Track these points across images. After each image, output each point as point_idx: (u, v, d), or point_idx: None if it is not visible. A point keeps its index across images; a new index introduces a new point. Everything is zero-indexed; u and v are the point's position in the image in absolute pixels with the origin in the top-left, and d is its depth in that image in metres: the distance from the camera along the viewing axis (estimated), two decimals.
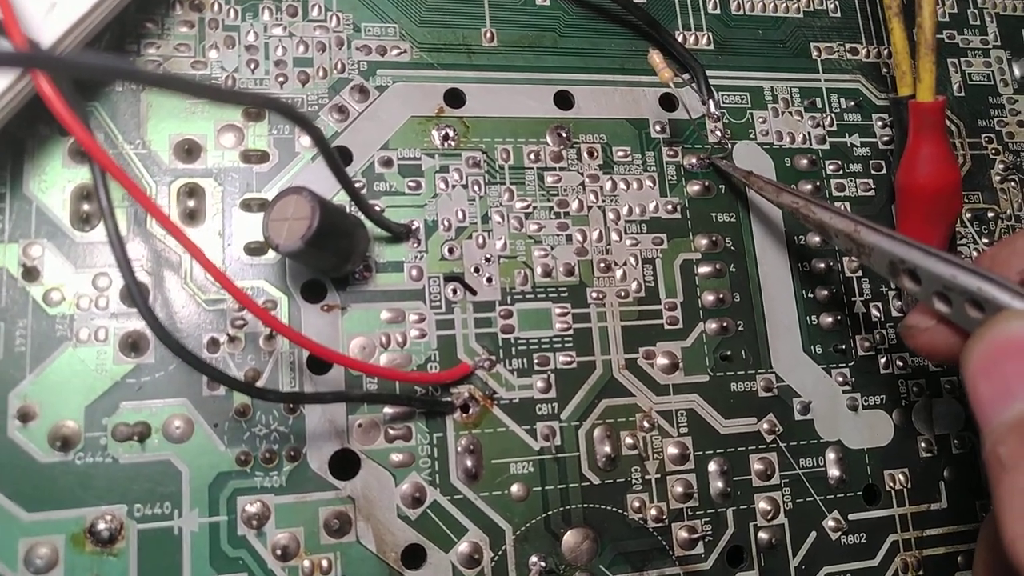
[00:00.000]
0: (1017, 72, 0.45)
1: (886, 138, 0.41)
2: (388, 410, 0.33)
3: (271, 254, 0.33)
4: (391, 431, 0.33)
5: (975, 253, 0.41)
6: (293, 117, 0.26)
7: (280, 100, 0.26)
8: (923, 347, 0.29)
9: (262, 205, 0.33)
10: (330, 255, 0.31)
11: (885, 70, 0.42)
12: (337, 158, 0.30)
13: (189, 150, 0.33)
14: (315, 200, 0.29)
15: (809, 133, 0.41)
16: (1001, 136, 0.44)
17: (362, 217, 0.33)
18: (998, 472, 0.22)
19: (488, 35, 0.38)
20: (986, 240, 0.42)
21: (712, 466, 0.36)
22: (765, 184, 0.36)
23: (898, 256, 0.28)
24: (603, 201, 0.37)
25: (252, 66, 0.35)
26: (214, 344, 0.32)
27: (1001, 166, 0.43)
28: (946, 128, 0.38)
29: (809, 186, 0.40)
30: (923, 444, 0.38)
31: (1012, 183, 0.43)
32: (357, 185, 0.34)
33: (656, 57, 0.36)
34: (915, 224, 0.38)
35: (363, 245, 0.32)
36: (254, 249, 0.33)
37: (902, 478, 0.38)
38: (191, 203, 0.33)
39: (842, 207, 0.40)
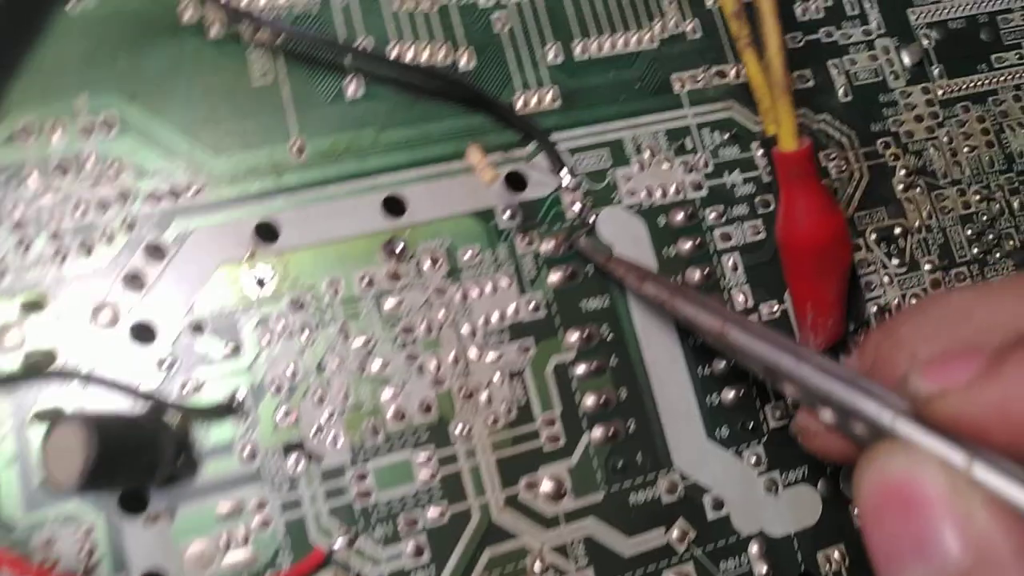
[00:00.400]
0: (907, 60, 0.40)
1: (770, 168, 0.37)
2: None
3: None
4: None
5: (886, 280, 0.37)
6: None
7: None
8: (818, 451, 0.26)
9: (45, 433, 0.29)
10: (127, 476, 0.27)
11: (756, 98, 0.37)
12: (104, 380, 0.25)
13: None
14: (87, 426, 0.25)
15: (683, 181, 0.36)
16: (899, 138, 0.39)
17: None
18: None
19: (296, 148, 0.33)
20: (896, 262, 0.37)
21: None
22: (626, 272, 0.32)
23: (772, 362, 0.25)
24: (455, 316, 0.33)
25: (25, 245, 0.30)
26: None
27: (903, 172, 0.39)
28: (818, 173, 0.34)
29: (689, 245, 0.35)
30: (856, 513, 0.34)
31: (918, 190, 0.39)
32: (166, 363, 0.30)
33: (475, 155, 0.31)
34: (805, 281, 0.34)
35: (170, 449, 0.28)
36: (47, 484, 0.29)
37: (838, 556, 0.34)
38: None
39: (731, 260, 0.36)
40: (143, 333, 0.31)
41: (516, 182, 0.35)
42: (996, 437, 0.18)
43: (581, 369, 0.33)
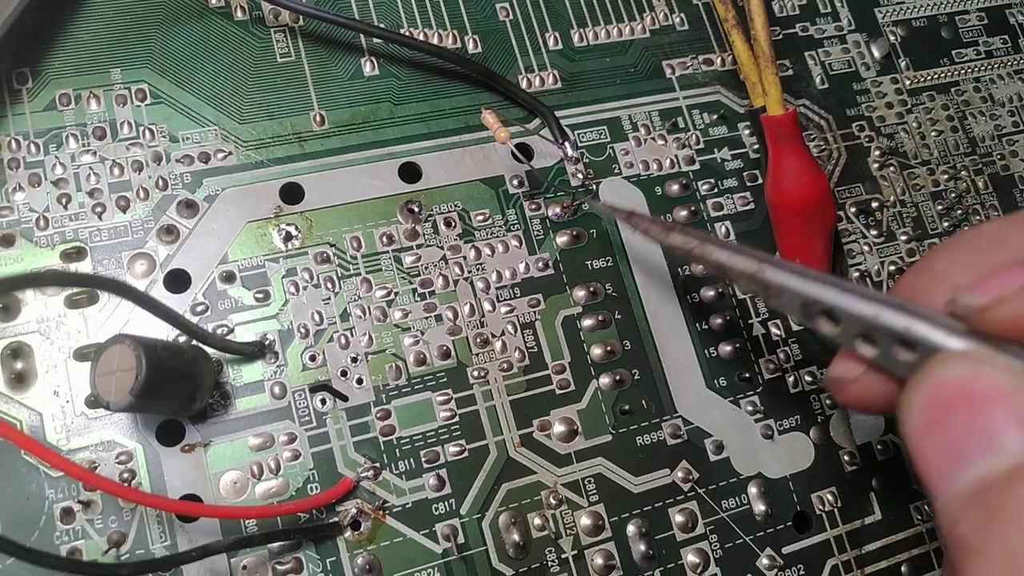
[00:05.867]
0: (876, 53, 0.43)
1: (756, 146, 0.40)
2: (273, 544, 0.30)
3: None
4: (279, 567, 0.30)
5: (866, 248, 0.40)
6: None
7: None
8: (855, 400, 0.24)
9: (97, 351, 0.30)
10: (171, 400, 0.28)
11: (742, 76, 0.40)
12: (156, 302, 0.27)
13: (6, 307, 0.31)
14: (140, 347, 0.26)
15: (676, 156, 0.39)
16: (872, 122, 0.42)
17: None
18: (961, 556, 0.18)
19: (318, 118, 0.35)
20: (875, 232, 0.40)
21: (631, 529, 0.34)
22: (651, 224, 0.33)
23: (811, 296, 0.23)
24: (469, 272, 0.35)
25: (64, 201, 0.32)
26: (68, 514, 0.29)
27: (877, 152, 0.42)
28: (803, 136, 0.37)
29: (684, 212, 0.38)
30: (846, 458, 0.37)
31: (891, 168, 0.42)
32: (199, 308, 0.32)
33: (489, 117, 0.34)
34: (793, 238, 0.36)
35: (209, 377, 0.30)
36: (96, 402, 0.30)
37: (830, 498, 0.36)
38: (18, 365, 0.30)
39: (723, 227, 0.38)
40: (177, 281, 0.32)
41: (523, 153, 0.37)
42: None
43: (588, 322, 0.36)
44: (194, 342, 0.30)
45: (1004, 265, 0.20)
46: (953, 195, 0.42)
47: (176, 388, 0.29)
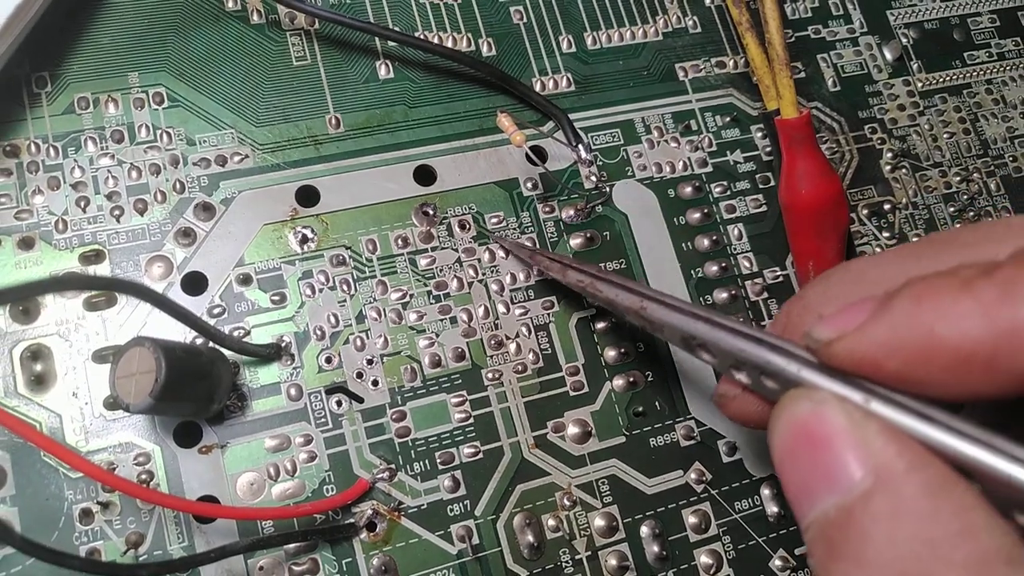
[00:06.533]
0: (889, 55, 0.44)
1: (768, 148, 0.40)
2: (290, 546, 0.30)
3: None
4: (295, 568, 0.30)
5: (878, 250, 0.40)
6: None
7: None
8: (736, 416, 0.27)
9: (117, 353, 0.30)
10: (190, 401, 0.29)
11: (755, 79, 0.40)
12: (174, 304, 0.27)
13: (26, 310, 0.31)
14: (159, 350, 0.27)
15: (689, 159, 0.39)
16: (884, 124, 0.42)
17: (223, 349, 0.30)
18: None
19: (333, 121, 0.36)
20: (887, 234, 0.40)
21: (644, 530, 0.34)
22: (551, 262, 0.33)
23: (688, 331, 0.25)
24: (483, 274, 0.35)
25: (83, 204, 0.32)
26: (87, 515, 0.29)
27: (889, 154, 0.42)
28: (816, 139, 0.37)
29: (698, 214, 0.38)
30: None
31: (903, 170, 0.42)
32: (216, 311, 0.32)
33: (504, 120, 0.34)
34: (806, 240, 0.36)
35: (227, 379, 0.30)
36: (115, 403, 0.30)
37: None
38: (37, 367, 0.31)
39: (735, 229, 0.38)
40: (194, 283, 0.33)
41: (538, 155, 0.37)
42: (889, 367, 0.19)
43: (601, 324, 0.36)
44: (211, 344, 0.30)
45: (857, 300, 0.20)
46: (965, 197, 0.42)
47: (194, 390, 0.29)
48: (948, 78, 0.44)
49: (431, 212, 0.35)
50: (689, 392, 0.36)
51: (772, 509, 0.35)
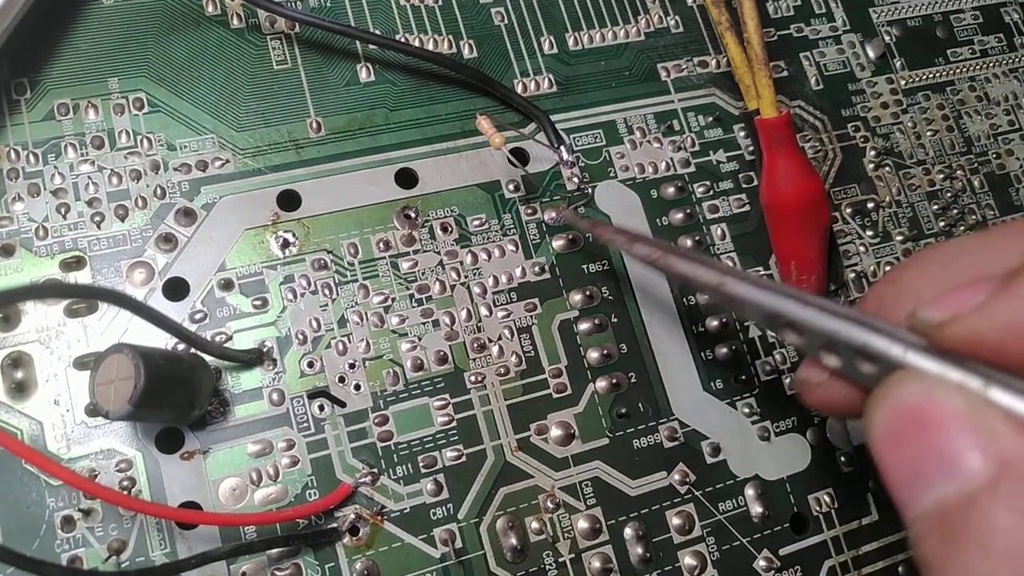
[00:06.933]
0: (871, 53, 0.44)
1: (751, 148, 0.40)
2: (272, 551, 0.30)
3: None
4: (278, 573, 0.30)
5: (862, 249, 0.40)
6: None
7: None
8: (819, 403, 0.25)
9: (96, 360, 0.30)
10: (170, 407, 0.29)
11: (737, 78, 0.40)
12: (154, 312, 0.27)
13: (6, 317, 0.31)
14: (138, 356, 0.27)
15: (672, 159, 0.39)
16: (867, 122, 0.42)
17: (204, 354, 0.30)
18: (926, 574, 0.18)
19: (314, 125, 0.36)
20: (871, 233, 0.40)
21: (628, 532, 0.34)
22: (615, 235, 0.33)
23: (774, 310, 0.24)
24: (466, 277, 0.35)
25: (63, 211, 0.32)
26: (68, 522, 0.29)
27: (872, 152, 0.42)
28: (797, 139, 0.37)
29: (680, 215, 0.38)
30: (843, 459, 0.37)
31: (887, 168, 0.42)
32: (198, 316, 0.32)
33: (484, 122, 0.34)
34: (788, 239, 0.36)
35: (208, 385, 0.30)
36: (95, 411, 0.30)
37: (827, 499, 0.36)
38: (18, 374, 0.31)
39: (718, 229, 0.38)
40: (176, 289, 0.33)
41: (519, 157, 0.37)
42: (1012, 353, 0.18)
43: (584, 326, 0.36)
44: (193, 350, 0.30)
45: (967, 282, 0.19)
46: (949, 195, 0.42)
47: (175, 396, 0.29)
48: (931, 75, 0.44)
49: (413, 215, 0.35)
50: (672, 393, 0.36)
51: (756, 509, 0.35)
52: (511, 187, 0.37)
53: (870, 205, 0.41)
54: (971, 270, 0.22)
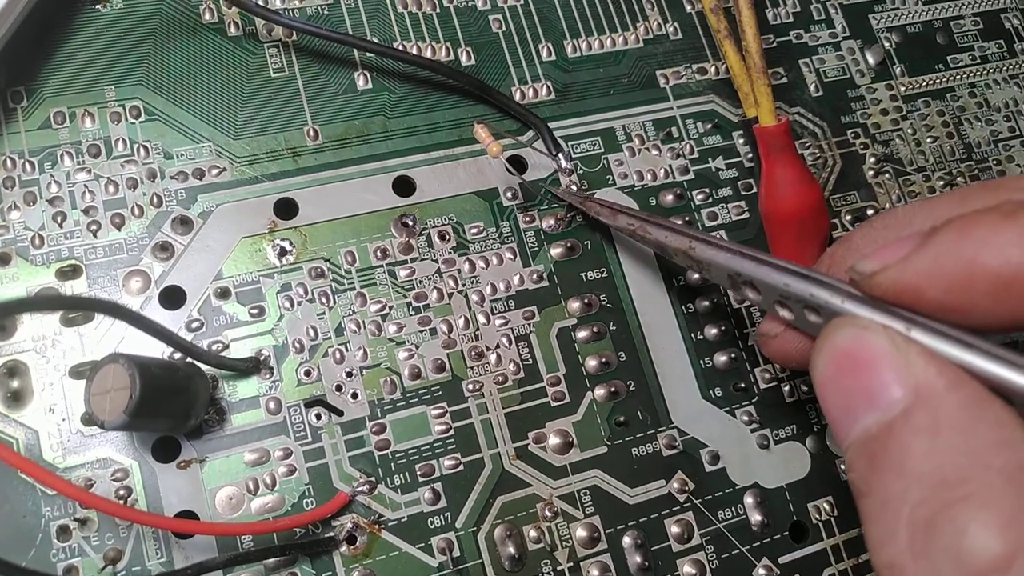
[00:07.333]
0: (871, 60, 0.43)
1: (750, 155, 0.40)
2: (269, 560, 0.30)
3: None
4: None
5: None
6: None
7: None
8: (776, 354, 0.28)
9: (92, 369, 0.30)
10: (166, 417, 0.29)
11: (736, 86, 0.40)
12: (150, 322, 0.27)
13: (2, 326, 0.31)
14: (134, 366, 0.27)
15: (671, 166, 0.39)
16: (867, 129, 0.42)
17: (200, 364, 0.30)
18: (856, 499, 0.20)
19: (311, 133, 0.35)
20: None
21: (626, 541, 0.34)
22: (602, 208, 0.35)
23: (734, 269, 0.27)
24: (463, 285, 0.35)
25: (59, 219, 0.32)
26: (64, 532, 0.29)
27: (872, 159, 0.42)
28: (796, 146, 0.37)
29: (679, 222, 0.38)
30: (843, 466, 0.36)
31: (886, 175, 0.42)
32: (194, 325, 0.32)
33: (481, 131, 0.34)
34: (788, 247, 0.36)
35: (204, 394, 0.30)
36: (91, 420, 0.30)
37: (827, 507, 0.36)
38: (14, 383, 0.30)
39: (717, 235, 0.38)
40: (172, 298, 0.33)
41: (517, 165, 0.37)
42: (931, 295, 0.20)
43: (583, 334, 0.36)
44: (189, 359, 0.30)
45: (902, 236, 0.22)
46: None
47: (171, 406, 0.29)
48: (931, 82, 0.44)
49: (410, 223, 0.35)
50: (671, 401, 0.36)
51: (756, 518, 0.35)
52: (509, 195, 0.37)
53: (870, 212, 0.40)
54: (908, 230, 0.24)
